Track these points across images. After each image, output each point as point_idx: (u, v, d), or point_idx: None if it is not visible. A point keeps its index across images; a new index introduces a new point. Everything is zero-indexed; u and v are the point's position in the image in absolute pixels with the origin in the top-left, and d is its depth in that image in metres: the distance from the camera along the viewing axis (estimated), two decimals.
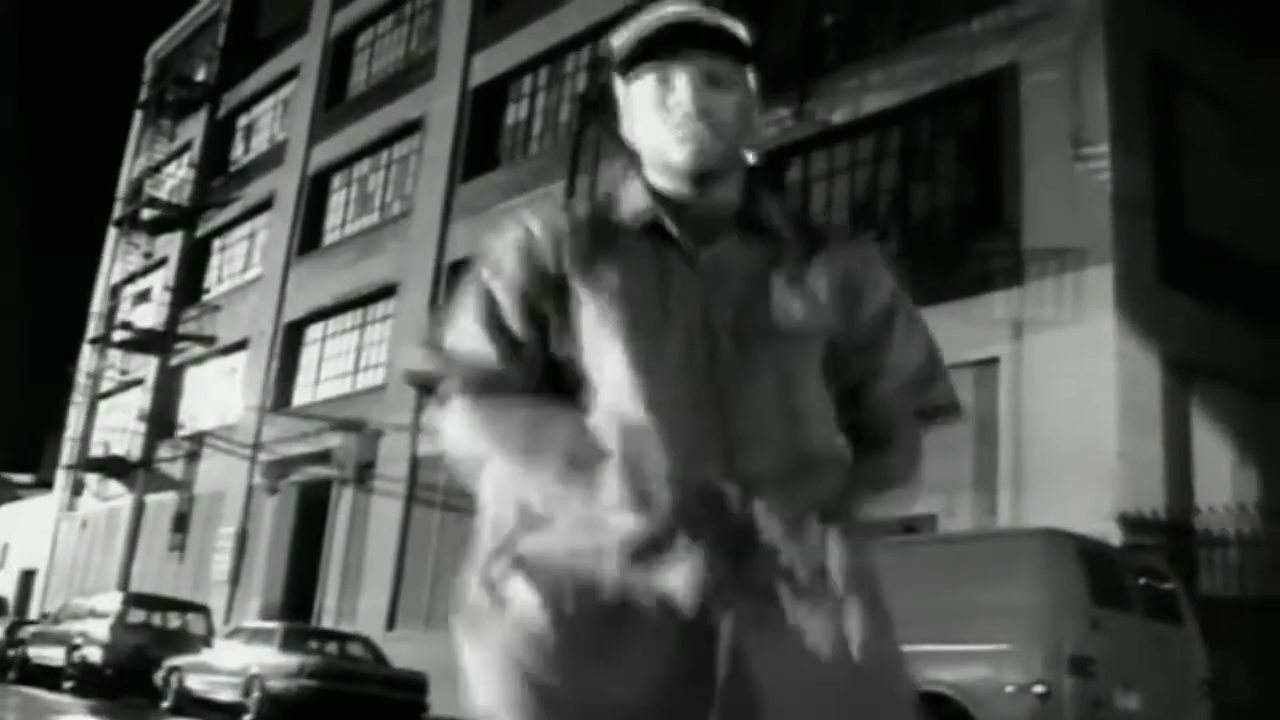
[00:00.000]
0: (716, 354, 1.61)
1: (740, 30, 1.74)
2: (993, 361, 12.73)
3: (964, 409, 1.86)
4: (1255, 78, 14.38)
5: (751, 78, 1.75)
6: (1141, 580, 8.53)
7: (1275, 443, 13.56)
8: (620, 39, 1.74)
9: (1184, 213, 13.48)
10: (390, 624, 20.51)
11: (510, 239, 1.72)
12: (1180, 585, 9.00)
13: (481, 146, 22.67)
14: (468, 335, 1.69)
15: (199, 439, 28.98)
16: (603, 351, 1.63)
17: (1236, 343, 13.19)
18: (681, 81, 1.68)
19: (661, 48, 1.70)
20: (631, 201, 1.74)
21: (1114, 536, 11.13)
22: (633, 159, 1.79)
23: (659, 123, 1.69)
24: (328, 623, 21.50)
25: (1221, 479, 12.85)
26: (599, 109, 18.16)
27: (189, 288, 32.25)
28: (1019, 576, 7.89)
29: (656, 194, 1.72)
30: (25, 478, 54.95)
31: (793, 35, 17.40)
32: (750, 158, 1.79)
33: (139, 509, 30.91)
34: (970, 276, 13.31)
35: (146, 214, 34.39)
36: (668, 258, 1.67)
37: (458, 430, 1.67)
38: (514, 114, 22.71)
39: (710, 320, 1.62)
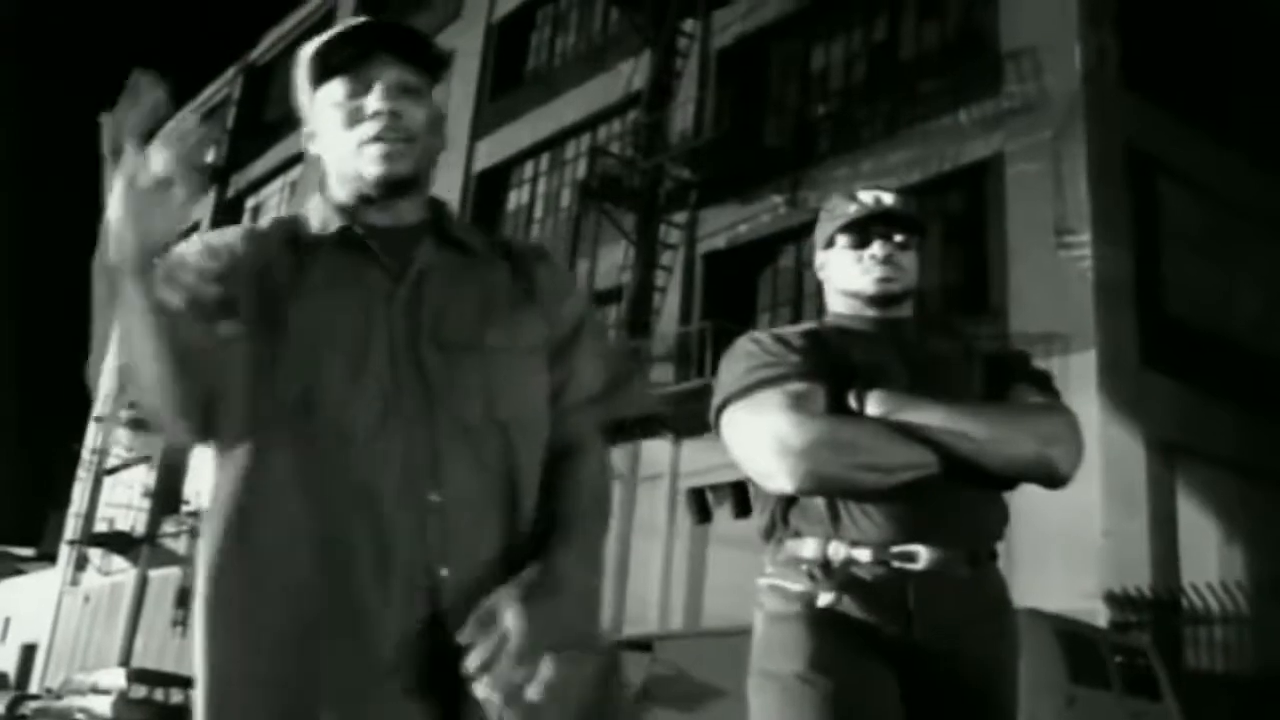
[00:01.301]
0: (423, 368, 1.56)
1: (434, 43, 1.73)
2: None
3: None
4: (1231, 168, 14.88)
5: (442, 94, 1.86)
6: (1119, 658, 8.82)
7: (1259, 521, 13.82)
8: (310, 46, 1.70)
9: (1165, 298, 13.86)
10: None
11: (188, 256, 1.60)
12: (1159, 662, 9.27)
13: (485, 230, 23.03)
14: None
15: (204, 515, 29.14)
16: (305, 374, 1.55)
17: (1219, 424, 13.50)
18: (376, 88, 1.64)
19: (355, 54, 1.66)
20: (319, 217, 1.69)
21: (1100, 614, 11.37)
22: (321, 178, 1.74)
23: (348, 132, 1.65)
24: None
25: (1207, 557, 13.09)
26: (599, 195, 18.69)
27: None
28: None
29: (344, 209, 1.68)
30: (27, 551, 54.96)
31: (785, 125, 17.97)
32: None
33: (142, 584, 31.03)
34: None
35: None
36: (368, 272, 1.62)
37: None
38: (516, 199, 23.20)
39: (416, 335, 1.58)
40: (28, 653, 38.21)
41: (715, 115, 18.59)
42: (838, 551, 2.26)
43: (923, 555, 2.25)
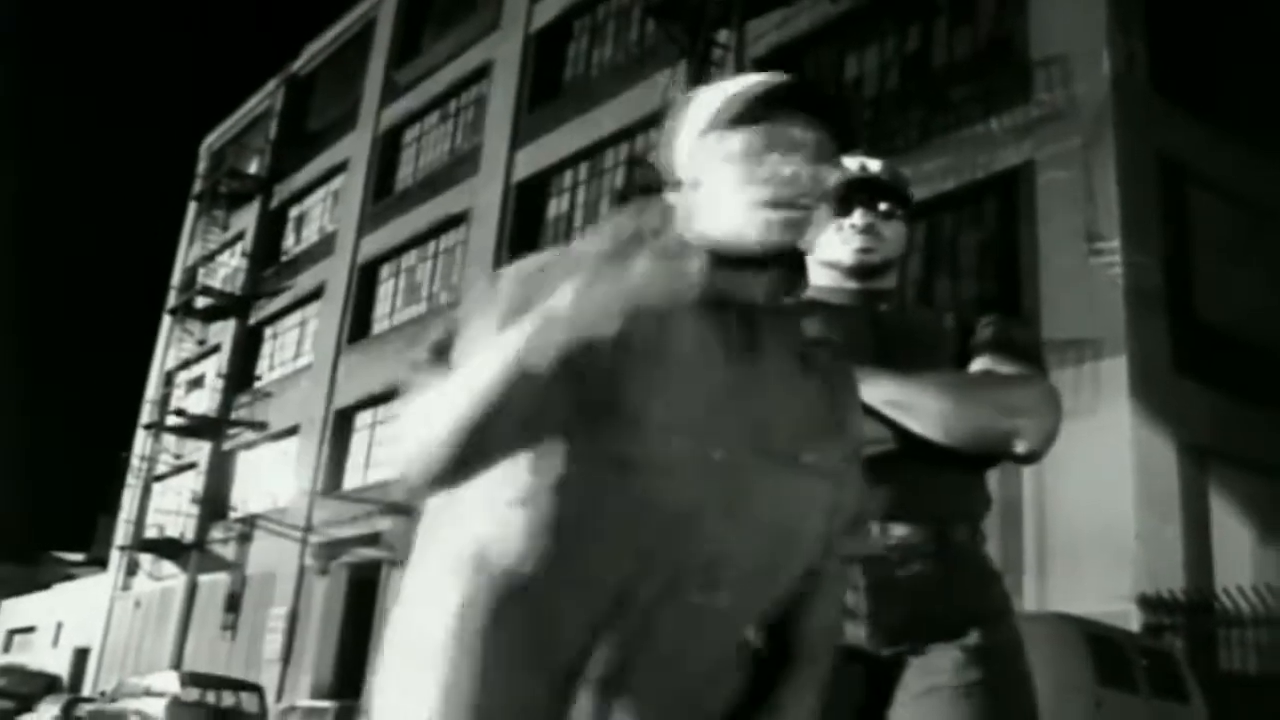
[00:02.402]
0: (743, 471, 1.44)
1: (851, 111, 1.68)
2: None
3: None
4: (1261, 173, 14.94)
5: (835, 164, 1.60)
6: (1146, 661, 9.00)
7: None
8: (722, 91, 1.54)
9: (1195, 304, 13.93)
10: None
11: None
12: (1186, 664, 9.43)
13: (525, 239, 23.31)
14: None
15: (251, 521, 29.60)
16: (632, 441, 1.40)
17: (1252, 427, 13.56)
18: (793, 149, 1.49)
19: (769, 107, 1.50)
20: (693, 279, 1.43)
21: (1134, 618, 11.50)
22: (687, 228, 1.52)
23: (744, 189, 1.48)
24: None
25: (1241, 560, 13.15)
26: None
27: (241, 374, 33.07)
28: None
29: (719, 274, 1.50)
30: (77, 556, 55.90)
31: None
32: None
33: (192, 589, 31.54)
34: None
35: (200, 302, 35.40)
36: (718, 353, 1.47)
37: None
38: (556, 207, 23.48)
39: (747, 435, 1.45)
40: (80, 656, 38.84)
41: None
42: None
43: (873, 532, 2.04)
